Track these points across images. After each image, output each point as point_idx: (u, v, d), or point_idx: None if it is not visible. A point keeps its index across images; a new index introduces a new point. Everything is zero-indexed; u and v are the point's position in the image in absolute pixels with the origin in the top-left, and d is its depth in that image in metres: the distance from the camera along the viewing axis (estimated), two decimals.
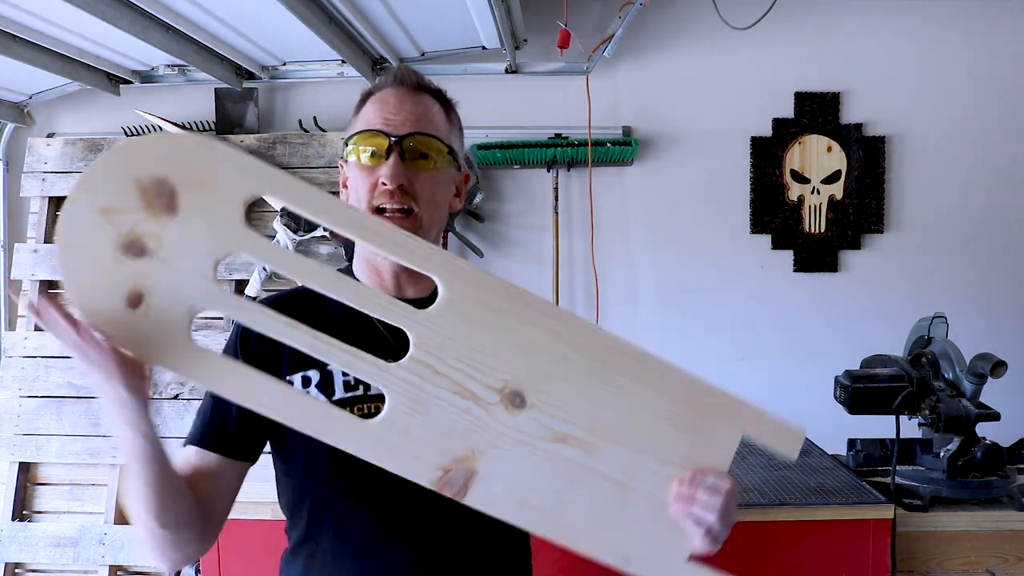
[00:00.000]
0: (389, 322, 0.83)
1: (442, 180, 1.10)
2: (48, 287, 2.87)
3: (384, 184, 1.04)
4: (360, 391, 1.05)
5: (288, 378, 1.05)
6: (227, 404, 1.00)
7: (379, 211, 1.05)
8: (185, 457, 1.06)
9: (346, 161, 1.11)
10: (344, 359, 0.82)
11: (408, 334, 0.82)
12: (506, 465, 0.82)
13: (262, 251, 0.81)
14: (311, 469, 1.07)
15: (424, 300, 1.16)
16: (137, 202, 0.77)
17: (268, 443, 1.11)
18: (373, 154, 1.06)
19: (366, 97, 1.12)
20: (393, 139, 1.05)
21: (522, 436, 0.82)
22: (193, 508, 0.99)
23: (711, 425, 0.84)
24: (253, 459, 1.09)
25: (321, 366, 1.05)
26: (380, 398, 1.05)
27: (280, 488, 1.13)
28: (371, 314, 0.81)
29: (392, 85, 1.10)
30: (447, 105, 1.14)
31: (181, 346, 0.80)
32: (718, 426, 0.84)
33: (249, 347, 1.06)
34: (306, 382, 1.05)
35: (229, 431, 1.05)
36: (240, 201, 0.80)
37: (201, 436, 1.06)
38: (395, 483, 0.99)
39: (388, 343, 0.99)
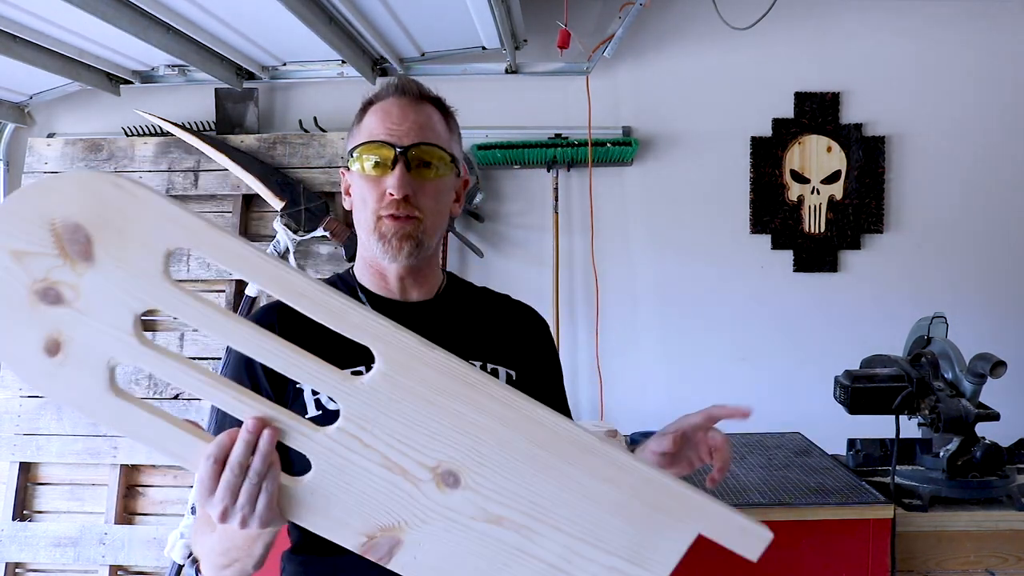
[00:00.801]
0: (318, 390, 0.80)
1: (444, 188, 1.13)
2: None
3: (391, 194, 1.07)
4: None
5: (298, 385, 1.07)
6: (236, 421, 1.01)
7: (386, 217, 1.08)
8: None
9: (349, 170, 1.13)
10: (269, 414, 0.79)
11: (339, 404, 0.79)
12: (434, 540, 0.80)
13: (183, 308, 0.76)
14: None
15: (429, 302, 1.17)
16: (51, 247, 0.73)
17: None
18: (378, 164, 1.09)
19: (367, 106, 1.14)
20: (398, 150, 1.08)
21: (453, 514, 0.80)
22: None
23: (663, 520, 0.81)
24: None
25: None
26: None
27: None
28: (298, 380, 0.79)
29: (394, 95, 1.12)
30: (446, 113, 1.17)
31: (100, 398, 0.76)
32: (671, 522, 0.81)
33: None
34: (316, 391, 1.07)
35: None
36: (162, 252, 0.74)
37: None
38: None
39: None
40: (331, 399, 1.05)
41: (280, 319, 1.13)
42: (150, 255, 0.74)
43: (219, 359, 2.68)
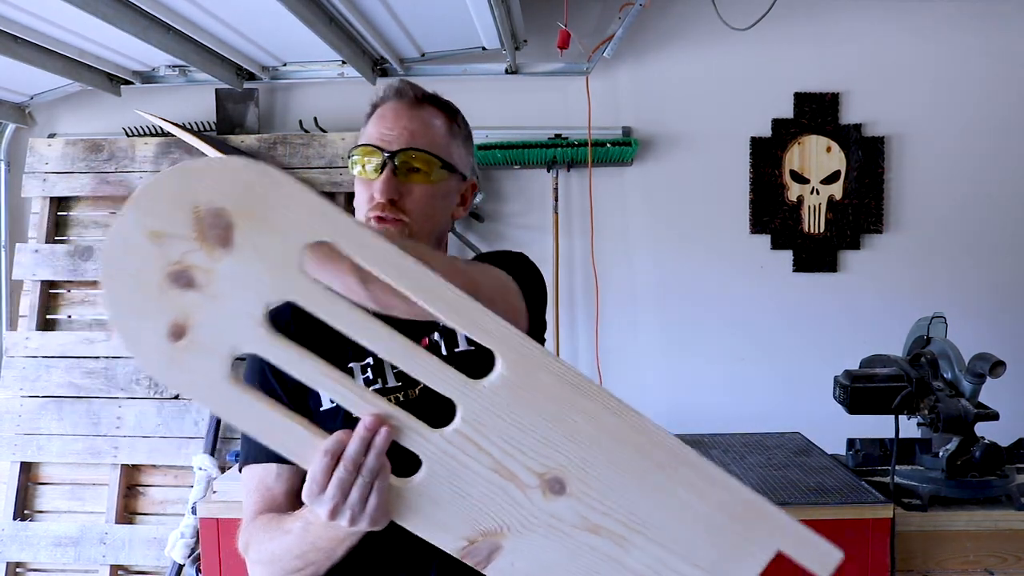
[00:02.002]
0: (438, 390, 0.79)
1: (437, 192, 1.13)
2: (49, 287, 2.88)
3: (375, 197, 1.09)
4: (379, 384, 1.10)
5: (350, 365, 1.10)
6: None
7: (374, 220, 1.09)
8: (262, 479, 1.08)
9: (352, 171, 1.16)
10: (386, 411, 0.79)
11: (456, 405, 0.79)
12: (533, 546, 0.81)
13: (317, 302, 0.75)
14: None
15: None
16: (190, 230, 0.72)
17: None
18: (369, 168, 1.11)
19: (372, 109, 1.16)
20: (386, 154, 1.09)
21: (555, 522, 0.81)
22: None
23: (747, 536, 0.83)
24: None
25: (342, 366, 1.05)
26: (397, 389, 1.09)
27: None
28: (420, 378, 0.79)
29: (393, 98, 1.14)
30: (451, 115, 1.16)
31: (219, 385, 0.76)
32: (754, 537, 0.83)
33: (307, 330, 1.05)
34: (365, 369, 1.10)
35: (271, 456, 1.06)
36: (301, 245, 0.73)
37: (262, 450, 1.05)
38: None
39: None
40: (370, 371, 1.09)
41: (294, 316, 1.12)
42: (290, 247, 0.73)
43: None
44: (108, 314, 0.74)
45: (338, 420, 1.07)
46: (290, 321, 1.07)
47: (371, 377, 1.10)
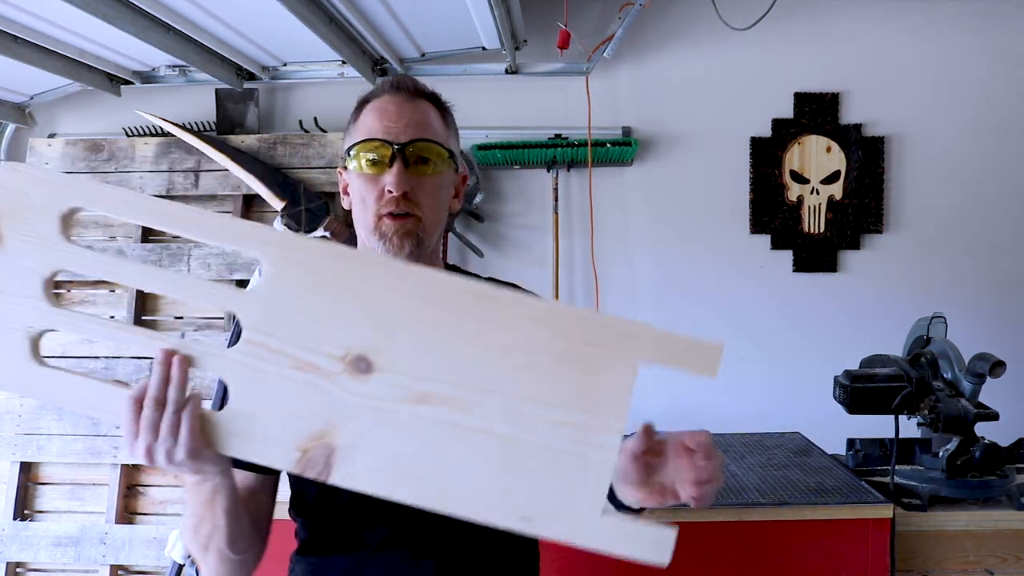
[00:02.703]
0: (214, 306, 0.84)
1: (443, 184, 1.13)
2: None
3: (390, 192, 1.07)
4: None
5: None
6: None
7: (387, 216, 1.08)
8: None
9: (346, 168, 1.13)
10: (177, 343, 0.80)
11: (238, 317, 0.78)
12: (367, 436, 0.76)
13: (84, 262, 0.80)
14: None
15: None
16: None
17: None
18: (376, 162, 1.08)
19: (363, 104, 1.14)
20: (396, 147, 1.07)
21: (376, 402, 0.76)
22: (251, 528, 1.04)
23: (601, 356, 0.75)
24: (278, 472, 1.12)
25: None
26: None
27: (294, 492, 1.15)
28: (193, 301, 0.81)
29: (389, 92, 1.12)
30: (443, 108, 1.16)
31: (25, 367, 0.79)
32: (610, 357, 0.75)
33: None
34: None
35: None
36: (56, 215, 0.79)
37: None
38: None
39: None
40: None
41: None
42: (47, 220, 0.79)
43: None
44: None
45: None
46: None
47: None
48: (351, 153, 1.10)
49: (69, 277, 2.85)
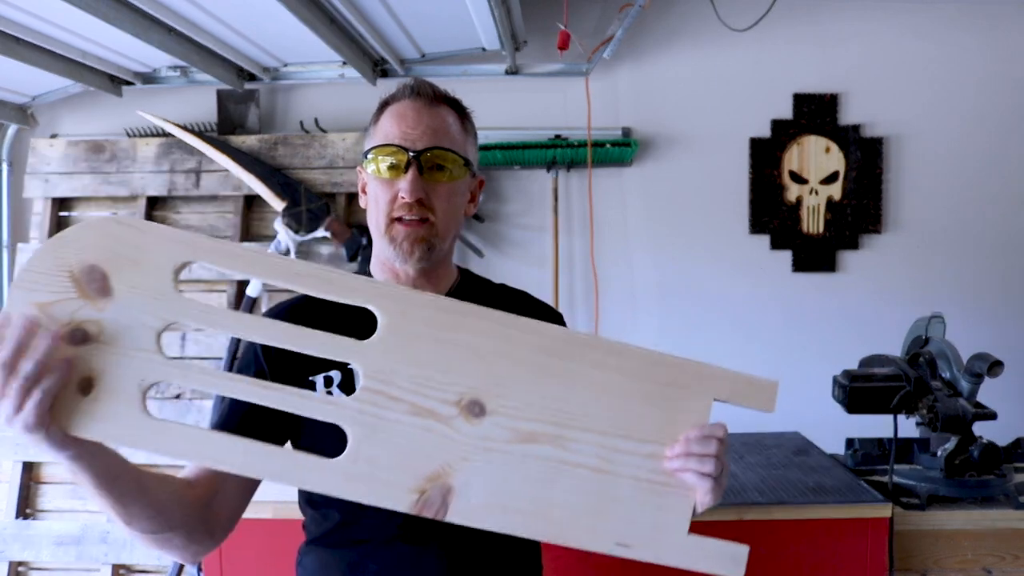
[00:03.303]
0: (333, 358, 0.84)
1: (458, 190, 1.14)
2: None
3: (403, 197, 1.08)
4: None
5: (311, 378, 1.09)
6: (240, 403, 1.02)
7: (398, 221, 1.09)
8: None
9: (365, 169, 1.15)
10: (293, 402, 0.82)
11: (355, 368, 0.82)
12: (480, 475, 0.82)
13: (197, 315, 0.82)
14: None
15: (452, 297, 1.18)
16: (71, 291, 0.79)
17: (290, 442, 1.13)
18: (392, 167, 1.10)
19: (383, 106, 1.15)
20: (412, 153, 1.09)
21: (489, 443, 0.82)
22: (179, 511, 0.98)
23: (680, 395, 0.85)
24: None
25: (342, 366, 1.09)
26: None
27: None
28: (314, 353, 0.83)
29: (409, 97, 1.13)
30: (463, 114, 1.17)
31: (137, 421, 0.80)
32: (688, 395, 0.86)
33: (270, 350, 1.09)
34: (328, 382, 1.09)
35: (243, 425, 1.06)
36: (170, 270, 0.81)
37: (227, 422, 1.07)
38: None
39: None
40: (340, 389, 1.08)
41: (292, 313, 1.14)
42: (160, 274, 0.80)
43: (219, 358, 2.70)
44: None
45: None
46: (284, 318, 1.09)
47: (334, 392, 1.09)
48: (369, 156, 1.12)
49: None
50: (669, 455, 0.87)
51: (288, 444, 1.13)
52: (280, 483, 0.83)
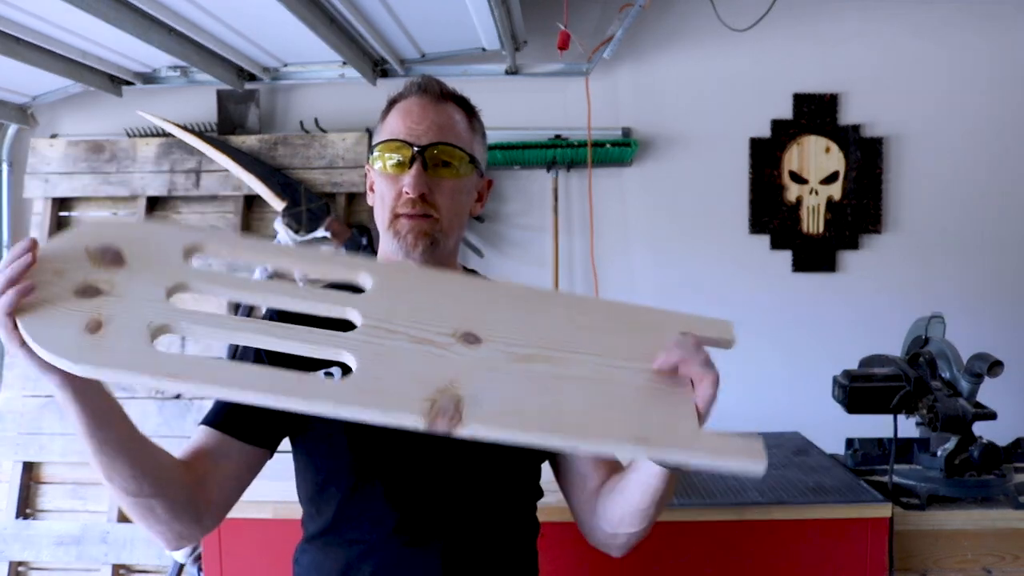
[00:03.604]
0: (330, 314, 0.87)
1: (463, 187, 1.14)
2: None
3: (407, 192, 1.08)
4: None
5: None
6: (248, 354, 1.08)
7: (403, 216, 1.09)
8: (195, 437, 1.08)
9: (372, 167, 1.15)
10: (302, 337, 0.86)
11: (354, 312, 0.87)
12: (488, 387, 0.84)
13: (210, 280, 0.87)
14: (333, 461, 1.09)
15: None
16: (86, 262, 0.85)
17: (288, 439, 1.13)
18: (397, 163, 1.10)
19: (392, 104, 1.15)
20: (416, 149, 1.09)
21: (490, 362, 0.86)
22: (166, 481, 0.98)
23: (651, 331, 0.92)
24: (266, 446, 1.10)
25: (342, 364, 1.08)
26: None
27: (299, 480, 1.15)
28: (307, 311, 0.88)
29: (416, 94, 1.13)
30: (470, 113, 1.17)
31: (141, 349, 0.81)
32: (656, 330, 0.92)
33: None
34: (328, 378, 1.09)
35: (241, 413, 1.06)
36: (180, 247, 0.87)
37: (212, 417, 1.08)
38: (418, 477, 1.04)
39: None
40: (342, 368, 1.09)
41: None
42: (172, 250, 0.87)
43: (219, 358, 2.70)
44: (30, 342, 0.80)
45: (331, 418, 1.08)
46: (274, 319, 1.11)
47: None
48: (375, 152, 1.13)
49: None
50: (657, 362, 0.90)
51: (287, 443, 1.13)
52: (290, 404, 0.81)
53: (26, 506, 2.77)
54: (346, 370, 1.08)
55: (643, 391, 0.88)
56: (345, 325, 0.87)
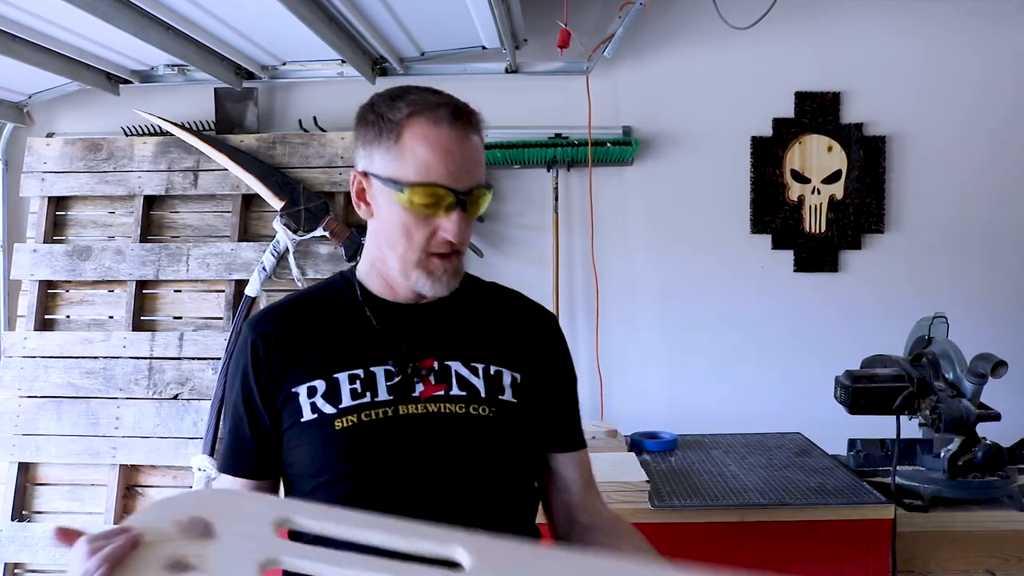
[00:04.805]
0: None
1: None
2: (48, 287, 2.87)
3: (447, 238, 1.06)
4: (367, 398, 1.08)
5: (294, 389, 1.09)
6: (242, 429, 1.11)
7: (435, 255, 1.08)
8: (228, 485, 1.14)
9: (366, 175, 1.09)
10: None
11: None
12: None
13: (302, 552, 0.84)
14: (321, 473, 1.08)
15: (431, 303, 1.16)
16: (176, 533, 0.83)
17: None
18: (435, 204, 1.05)
19: (410, 120, 1.05)
20: (460, 196, 1.05)
21: None
22: None
23: None
24: (277, 476, 1.15)
25: (327, 376, 1.09)
26: (387, 403, 1.08)
27: (287, 492, 1.15)
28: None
29: (449, 124, 1.05)
30: (481, 133, 1.13)
31: None
32: None
33: (259, 361, 1.11)
34: (312, 392, 1.08)
35: (252, 454, 1.13)
36: (270, 522, 0.85)
37: (232, 464, 1.14)
38: (408, 487, 1.03)
39: (380, 338, 1.10)
40: (326, 401, 1.07)
41: (277, 323, 1.14)
42: (261, 525, 0.85)
43: (216, 359, 2.69)
44: None
45: (317, 430, 1.07)
46: (270, 330, 1.13)
47: (359, 389, 1.08)
48: (403, 189, 1.04)
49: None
50: None
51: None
52: None
53: (22, 508, 2.75)
54: (331, 385, 1.08)
55: None
56: (349, 326, 0.85)
